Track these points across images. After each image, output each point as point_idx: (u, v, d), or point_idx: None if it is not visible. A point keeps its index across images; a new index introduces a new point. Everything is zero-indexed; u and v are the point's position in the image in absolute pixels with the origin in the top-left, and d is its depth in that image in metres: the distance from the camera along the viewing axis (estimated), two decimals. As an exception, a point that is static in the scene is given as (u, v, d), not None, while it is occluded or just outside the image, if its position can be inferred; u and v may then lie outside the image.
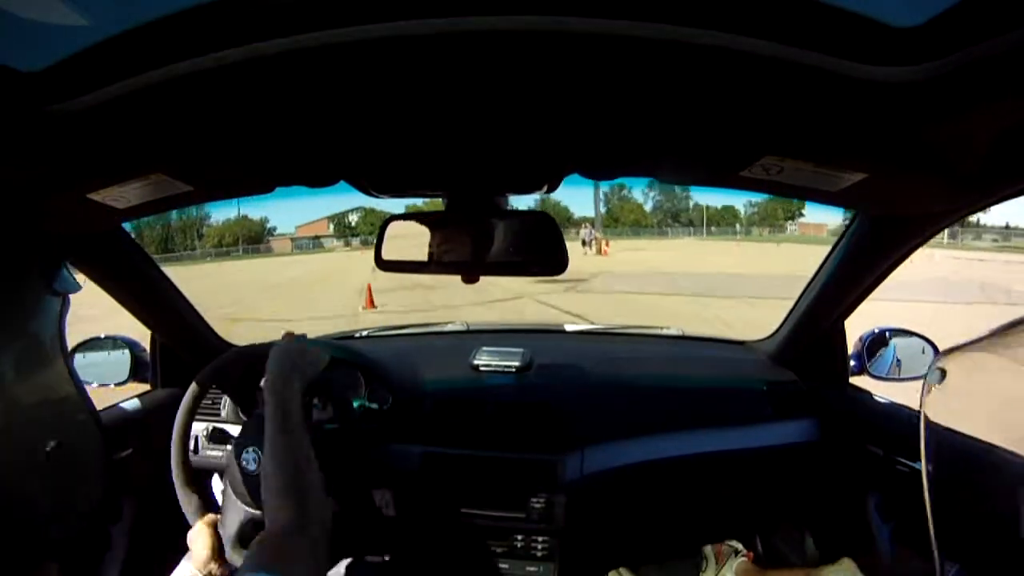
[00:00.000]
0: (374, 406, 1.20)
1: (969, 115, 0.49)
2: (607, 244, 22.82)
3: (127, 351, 1.30)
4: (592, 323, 1.81)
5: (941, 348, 1.03)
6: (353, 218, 46.91)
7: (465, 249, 0.88)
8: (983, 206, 0.74)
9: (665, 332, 1.71)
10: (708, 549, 1.28)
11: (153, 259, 1.21)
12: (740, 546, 1.27)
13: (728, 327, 6.31)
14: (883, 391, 1.22)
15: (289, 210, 55.61)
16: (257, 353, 1.08)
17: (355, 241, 43.08)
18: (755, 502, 1.40)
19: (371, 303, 9.00)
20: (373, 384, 1.26)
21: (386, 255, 0.90)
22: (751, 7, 0.41)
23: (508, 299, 8.95)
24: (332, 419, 1.13)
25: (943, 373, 0.58)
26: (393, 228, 0.90)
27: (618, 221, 47.90)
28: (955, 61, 0.41)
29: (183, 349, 1.33)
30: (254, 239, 44.80)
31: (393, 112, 0.61)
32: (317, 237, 46.75)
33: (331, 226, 49.15)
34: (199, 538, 0.93)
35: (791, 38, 0.42)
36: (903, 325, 1.26)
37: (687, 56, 0.44)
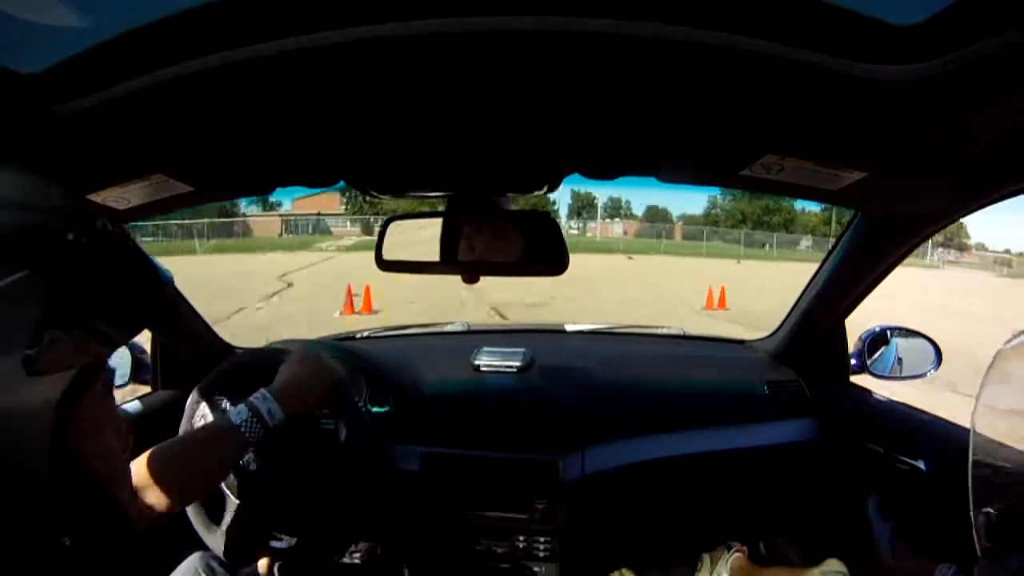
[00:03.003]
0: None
1: (969, 114, 0.49)
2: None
3: (127, 352, 1.29)
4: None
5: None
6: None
7: (466, 249, 0.88)
8: (983, 204, 0.74)
9: (666, 331, 1.71)
10: (705, 556, 1.28)
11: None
12: (734, 542, 1.27)
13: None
14: (883, 390, 1.22)
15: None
16: (252, 359, 1.09)
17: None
18: (756, 501, 1.40)
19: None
20: (375, 385, 1.26)
21: (387, 255, 0.91)
22: (751, 6, 0.41)
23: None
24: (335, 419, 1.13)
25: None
26: (394, 228, 0.91)
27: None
28: (955, 59, 0.41)
29: (184, 351, 1.33)
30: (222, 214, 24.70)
31: (394, 113, 0.61)
32: (320, 215, 28.57)
33: (345, 202, 29.44)
34: None
35: (791, 37, 0.42)
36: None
37: (687, 56, 0.44)
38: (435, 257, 0.90)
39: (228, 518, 0.97)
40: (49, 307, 0.36)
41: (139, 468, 0.71)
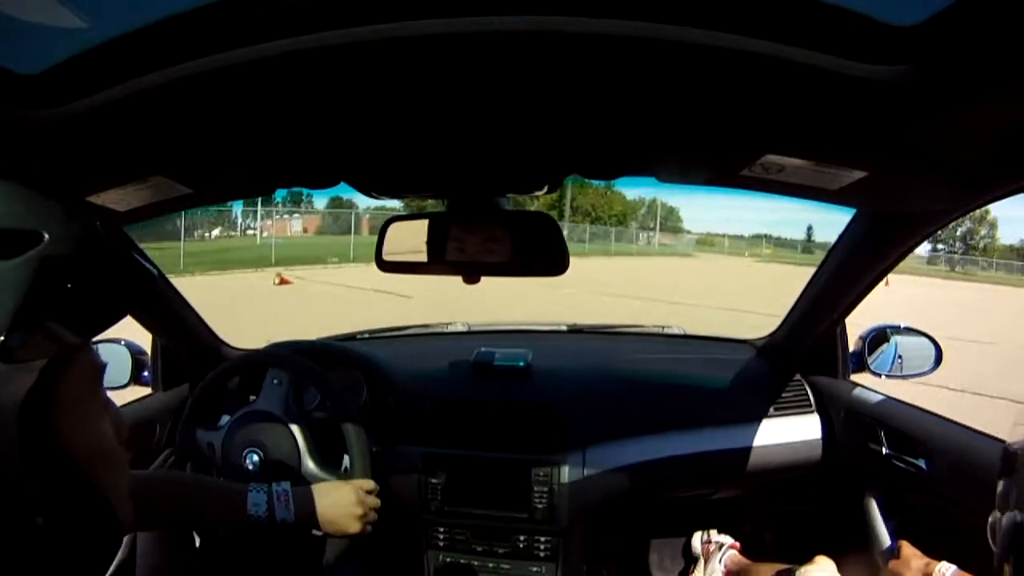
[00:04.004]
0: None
1: (969, 112, 0.49)
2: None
3: (127, 354, 1.29)
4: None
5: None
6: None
7: (466, 250, 0.88)
8: (983, 203, 0.74)
9: (667, 331, 1.71)
10: (696, 546, 1.28)
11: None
12: (728, 539, 1.27)
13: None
14: (884, 389, 1.22)
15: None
16: (241, 364, 1.09)
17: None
18: (756, 500, 1.40)
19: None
20: (375, 385, 1.26)
21: (387, 256, 0.91)
22: (750, 6, 0.41)
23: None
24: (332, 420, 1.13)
25: None
26: (394, 229, 0.91)
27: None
28: (955, 59, 0.41)
29: (184, 352, 1.33)
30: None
31: (394, 113, 0.61)
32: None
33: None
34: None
35: (791, 37, 0.42)
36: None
37: (686, 56, 0.44)
38: (435, 257, 0.90)
39: None
40: (24, 300, 0.38)
41: (144, 480, 0.74)
